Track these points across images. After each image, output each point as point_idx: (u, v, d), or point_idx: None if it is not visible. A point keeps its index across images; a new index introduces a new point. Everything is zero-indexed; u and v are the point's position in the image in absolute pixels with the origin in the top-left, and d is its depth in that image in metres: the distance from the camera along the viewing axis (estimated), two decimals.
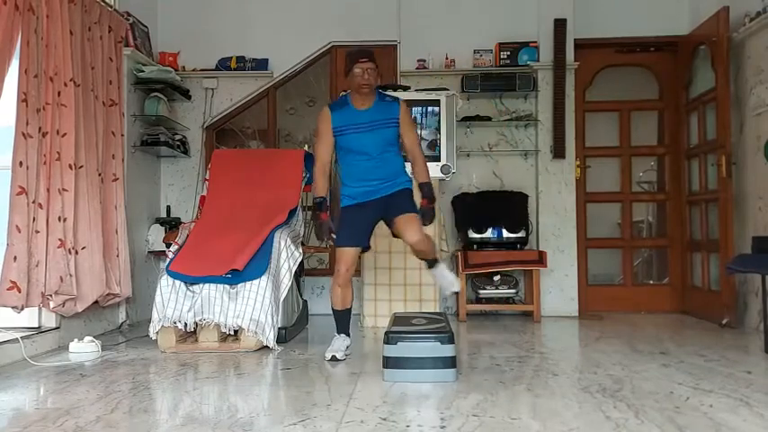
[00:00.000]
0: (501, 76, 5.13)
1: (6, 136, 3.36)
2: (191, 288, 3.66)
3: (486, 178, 5.29)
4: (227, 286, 3.65)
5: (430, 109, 4.73)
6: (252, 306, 3.60)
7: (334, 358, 3.29)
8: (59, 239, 3.54)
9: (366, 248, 3.53)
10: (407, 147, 3.45)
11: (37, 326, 3.63)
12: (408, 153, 3.47)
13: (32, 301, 3.40)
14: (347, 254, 3.36)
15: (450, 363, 2.80)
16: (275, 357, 3.47)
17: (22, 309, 3.34)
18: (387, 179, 3.39)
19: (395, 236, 3.47)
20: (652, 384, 2.71)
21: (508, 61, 5.24)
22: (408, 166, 3.49)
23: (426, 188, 3.41)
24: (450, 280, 3.56)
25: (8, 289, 3.24)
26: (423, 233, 3.32)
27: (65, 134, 3.62)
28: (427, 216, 3.37)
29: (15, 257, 3.27)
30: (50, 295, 3.50)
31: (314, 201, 3.44)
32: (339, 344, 3.38)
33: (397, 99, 3.48)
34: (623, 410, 2.30)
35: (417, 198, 3.44)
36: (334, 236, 3.38)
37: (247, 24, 5.43)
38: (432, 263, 3.52)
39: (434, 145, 4.70)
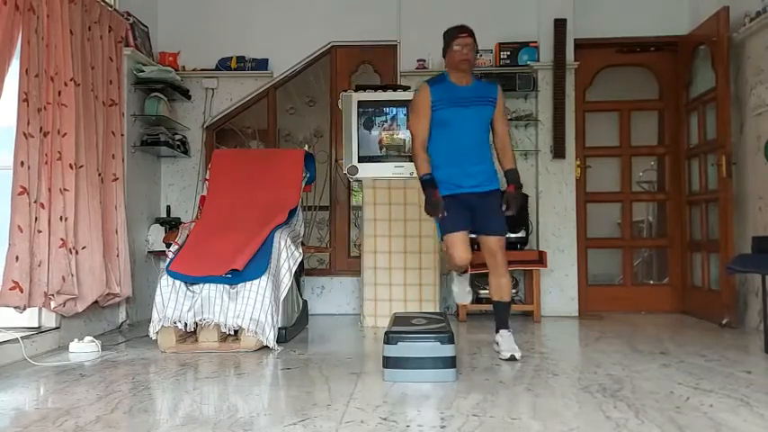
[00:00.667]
0: (501, 76, 5.12)
1: (6, 136, 3.36)
2: (191, 288, 3.66)
3: None
4: (227, 286, 3.65)
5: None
6: (252, 306, 3.60)
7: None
8: (61, 239, 3.54)
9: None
10: (499, 132, 3.40)
11: (37, 326, 3.63)
12: (498, 139, 3.41)
13: (35, 301, 3.40)
14: (459, 236, 3.25)
15: (450, 363, 2.80)
16: (275, 357, 3.47)
17: (25, 309, 3.34)
18: (481, 164, 3.31)
19: (474, 236, 3.37)
20: (652, 384, 2.71)
21: (508, 61, 5.24)
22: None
23: (513, 174, 3.36)
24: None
25: (10, 289, 3.24)
26: (506, 257, 3.32)
27: (65, 134, 3.62)
28: (514, 203, 3.30)
29: (17, 257, 3.27)
30: (52, 295, 3.50)
31: (422, 179, 3.29)
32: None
33: (494, 82, 3.46)
34: (623, 410, 2.30)
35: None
36: (446, 212, 3.23)
37: (247, 24, 5.43)
38: (505, 309, 3.44)
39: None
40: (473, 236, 3.38)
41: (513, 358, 3.21)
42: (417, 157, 3.33)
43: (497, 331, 3.39)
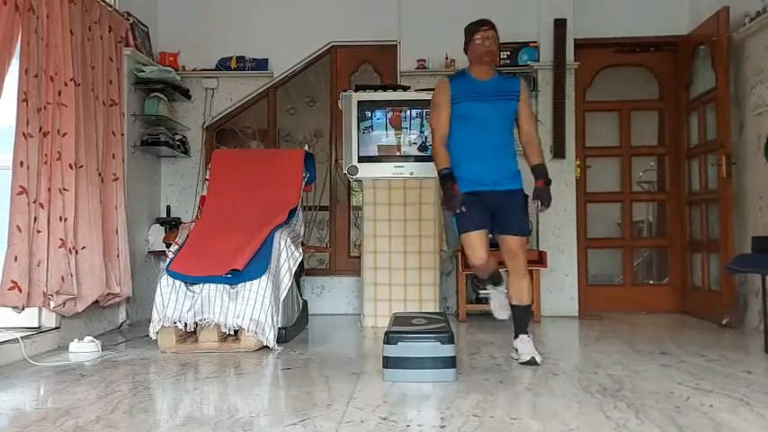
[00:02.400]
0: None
1: (7, 136, 3.36)
2: (191, 288, 3.66)
3: None
4: (227, 286, 3.65)
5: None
6: (252, 306, 3.60)
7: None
8: (60, 239, 3.54)
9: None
10: (524, 126, 3.28)
11: (37, 326, 3.63)
12: (523, 133, 3.29)
13: (34, 301, 3.40)
14: (478, 237, 3.15)
15: (450, 363, 2.80)
16: (275, 357, 3.47)
17: (23, 309, 3.34)
18: (504, 161, 3.21)
19: (493, 236, 3.28)
20: (652, 384, 2.71)
21: (508, 61, 5.24)
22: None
23: (542, 169, 3.24)
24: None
25: (9, 289, 3.24)
26: (526, 258, 3.24)
27: (65, 134, 3.62)
28: (544, 196, 3.21)
29: (16, 257, 3.27)
30: (51, 295, 3.50)
31: (441, 173, 3.18)
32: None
33: (516, 75, 3.35)
34: (623, 410, 2.30)
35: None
36: (464, 208, 3.13)
37: (247, 24, 5.43)
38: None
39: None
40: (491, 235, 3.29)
41: (533, 362, 3.09)
42: (436, 152, 3.24)
43: (516, 336, 3.25)
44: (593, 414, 2.27)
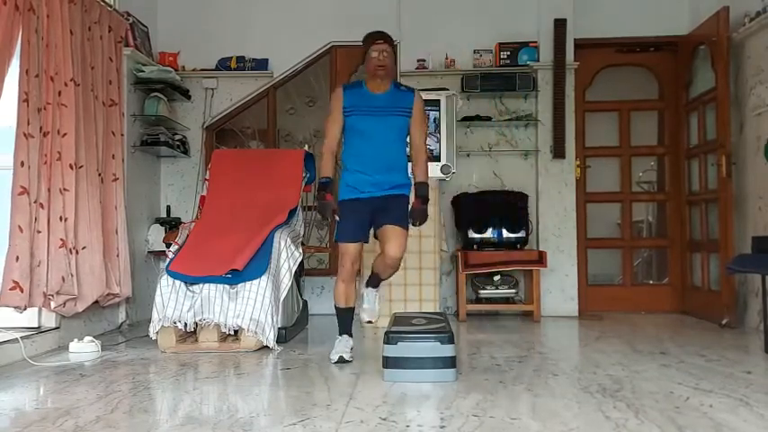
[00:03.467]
0: (501, 76, 5.13)
1: (7, 136, 3.36)
2: (191, 288, 3.66)
3: (487, 178, 5.29)
4: (227, 286, 3.65)
5: (430, 109, 4.73)
6: (252, 306, 3.60)
7: (341, 359, 3.19)
8: (61, 239, 3.54)
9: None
10: (414, 140, 3.33)
11: (37, 326, 3.63)
12: (412, 148, 3.35)
13: (34, 301, 3.41)
14: (350, 249, 3.26)
15: (450, 363, 2.80)
16: (275, 357, 3.47)
17: (25, 309, 3.34)
18: (388, 175, 3.27)
19: (376, 237, 3.36)
20: (652, 384, 2.71)
21: (508, 61, 5.24)
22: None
23: (422, 188, 3.30)
24: (373, 309, 3.58)
25: (11, 289, 3.25)
26: (403, 253, 3.26)
27: (65, 134, 3.62)
28: (418, 217, 3.27)
29: (17, 257, 3.28)
30: (52, 295, 3.50)
31: (320, 180, 3.32)
32: (343, 345, 3.28)
33: (412, 89, 3.37)
34: (623, 410, 2.30)
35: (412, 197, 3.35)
36: (338, 217, 3.24)
37: (247, 24, 5.43)
38: (377, 282, 3.52)
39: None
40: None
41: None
42: (322, 159, 3.35)
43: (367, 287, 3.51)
44: (592, 414, 2.27)
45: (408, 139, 3.36)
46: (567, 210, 5.18)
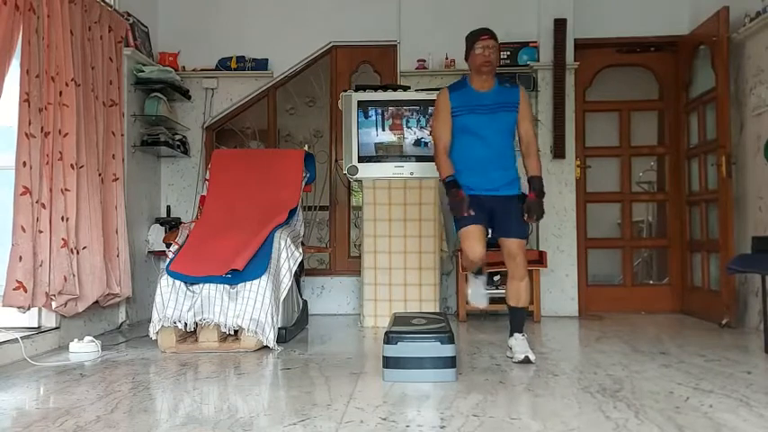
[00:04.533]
0: (501, 76, 5.12)
1: (6, 136, 3.37)
2: (191, 288, 3.67)
3: None
4: (227, 286, 3.65)
5: (430, 109, 4.73)
6: (252, 306, 3.60)
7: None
8: (62, 239, 3.54)
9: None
10: (523, 136, 3.31)
11: (37, 326, 3.63)
12: (522, 143, 3.32)
13: (37, 300, 3.41)
14: (472, 231, 3.16)
15: (450, 363, 2.80)
16: (275, 357, 3.47)
17: (29, 309, 3.35)
18: (503, 171, 3.25)
19: (496, 245, 3.32)
20: (652, 384, 2.71)
21: (508, 61, 5.24)
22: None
23: (537, 182, 3.24)
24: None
25: (14, 289, 3.25)
26: (526, 261, 3.27)
27: (66, 134, 3.62)
28: (536, 211, 3.21)
29: (21, 257, 3.28)
30: (54, 295, 3.50)
31: (445, 181, 3.23)
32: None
33: (517, 84, 3.35)
34: (623, 410, 2.30)
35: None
36: (472, 212, 3.15)
37: (247, 24, 5.43)
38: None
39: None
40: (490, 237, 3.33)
41: (527, 360, 3.14)
42: (439, 161, 3.29)
43: (511, 335, 3.30)
44: (592, 414, 2.27)
45: (516, 134, 3.34)
46: (567, 210, 5.18)
